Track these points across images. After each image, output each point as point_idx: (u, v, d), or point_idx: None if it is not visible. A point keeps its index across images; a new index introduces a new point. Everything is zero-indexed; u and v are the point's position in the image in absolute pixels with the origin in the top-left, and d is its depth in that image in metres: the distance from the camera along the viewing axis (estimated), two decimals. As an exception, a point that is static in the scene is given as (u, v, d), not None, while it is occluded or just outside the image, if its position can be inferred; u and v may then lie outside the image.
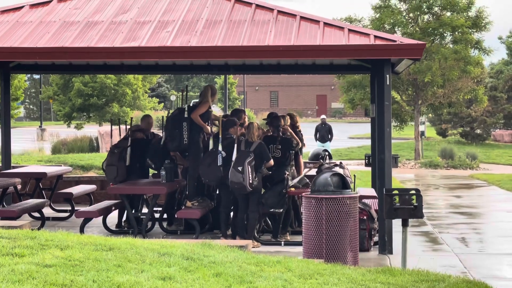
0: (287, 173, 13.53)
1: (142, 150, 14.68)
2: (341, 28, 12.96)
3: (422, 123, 37.21)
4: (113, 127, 17.91)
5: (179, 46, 12.51)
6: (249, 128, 13.29)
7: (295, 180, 13.47)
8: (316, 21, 13.18)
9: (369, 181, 18.31)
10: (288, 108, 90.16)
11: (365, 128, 55.14)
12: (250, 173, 12.76)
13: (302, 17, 13.35)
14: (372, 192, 14.88)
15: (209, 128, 13.87)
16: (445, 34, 34.46)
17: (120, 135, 15.39)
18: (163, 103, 58.59)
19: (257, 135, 13.21)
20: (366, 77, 33.04)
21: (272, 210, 13.30)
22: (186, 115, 13.90)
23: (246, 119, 15.02)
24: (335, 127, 33.20)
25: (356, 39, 12.49)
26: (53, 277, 8.32)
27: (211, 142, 13.47)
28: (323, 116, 33.67)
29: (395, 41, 12.33)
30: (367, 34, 12.61)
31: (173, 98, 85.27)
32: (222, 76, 61.01)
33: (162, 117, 16.92)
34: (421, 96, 34.84)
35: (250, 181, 12.76)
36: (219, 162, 13.13)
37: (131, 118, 18.96)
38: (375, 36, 12.48)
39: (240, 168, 12.76)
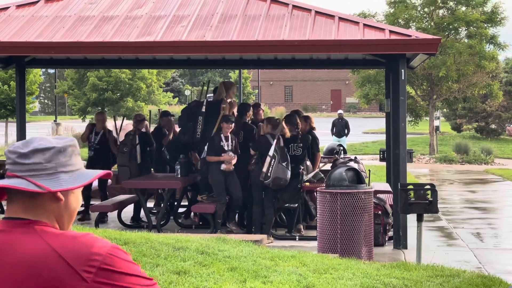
0: (302, 168, 13.53)
1: (148, 144, 14.81)
2: (356, 23, 12.93)
3: (437, 118, 37.11)
4: (126, 121, 17.96)
5: (194, 40, 12.52)
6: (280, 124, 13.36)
7: (310, 175, 13.47)
8: (331, 16, 13.16)
9: (384, 176, 18.29)
10: (302, 103, 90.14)
11: (380, 123, 54.99)
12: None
13: (317, 12, 13.33)
14: (387, 187, 14.86)
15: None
16: (460, 29, 34.35)
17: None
18: (177, 98, 58.63)
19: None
20: (380, 72, 32.97)
21: (287, 205, 13.32)
22: (203, 109, 14.00)
23: (262, 114, 15.04)
24: (349, 122, 33.11)
25: (371, 34, 12.46)
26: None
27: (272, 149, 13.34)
28: (340, 111, 33.62)
29: (410, 36, 12.29)
30: (382, 29, 12.58)
31: (187, 92, 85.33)
32: (237, 71, 61.01)
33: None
34: (436, 91, 34.74)
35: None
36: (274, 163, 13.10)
37: (150, 111, 19.06)
38: (390, 31, 12.45)
39: (285, 164, 12.85)
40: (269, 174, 12.86)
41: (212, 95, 15.21)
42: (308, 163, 14.11)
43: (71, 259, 2.19)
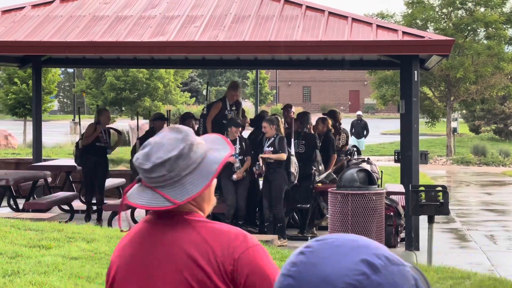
0: (314, 168, 13.52)
1: None
2: (369, 23, 12.91)
3: (454, 120, 36.96)
4: (143, 121, 17.99)
5: (207, 40, 12.55)
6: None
7: (322, 176, 13.46)
8: (345, 17, 13.15)
9: (399, 177, 18.25)
10: (320, 104, 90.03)
11: (398, 124, 54.88)
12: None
13: (330, 13, 13.33)
14: (400, 188, 14.80)
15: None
16: (478, 30, 34.20)
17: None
18: (195, 98, 58.71)
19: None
20: (397, 73, 32.83)
21: (299, 205, 13.32)
22: (205, 111, 14.28)
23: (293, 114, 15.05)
24: (368, 122, 33.05)
25: (384, 35, 12.45)
26: (79, 269, 8.41)
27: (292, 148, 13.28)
28: (359, 112, 33.54)
29: (423, 37, 12.26)
30: (395, 30, 12.56)
31: (205, 92, 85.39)
32: (255, 71, 61.07)
33: None
34: (454, 92, 34.61)
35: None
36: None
37: (168, 111, 19.10)
38: (403, 32, 12.43)
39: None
40: (296, 174, 12.89)
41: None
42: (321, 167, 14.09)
43: (217, 246, 2.42)
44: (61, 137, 40.25)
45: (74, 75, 53.78)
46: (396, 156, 17.78)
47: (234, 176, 13.02)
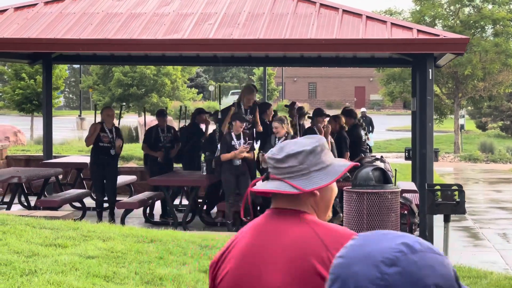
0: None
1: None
2: (384, 21, 12.87)
3: (461, 117, 36.89)
4: (150, 117, 17.92)
5: (221, 38, 12.51)
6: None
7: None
8: (359, 15, 13.11)
9: (409, 174, 18.22)
10: (326, 100, 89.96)
11: (404, 120, 54.77)
12: None
13: (344, 10, 13.28)
14: (412, 186, 14.79)
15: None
16: (486, 27, 34.12)
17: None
18: (202, 94, 58.70)
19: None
20: (405, 70, 32.82)
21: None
22: (220, 116, 14.31)
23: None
24: (373, 119, 33.00)
25: (399, 33, 12.41)
26: (96, 268, 8.39)
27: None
28: (363, 109, 33.52)
29: (438, 35, 12.22)
30: (410, 28, 12.52)
31: (211, 88, 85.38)
32: (261, 68, 61.02)
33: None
34: (461, 89, 34.54)
35: None
36: None
37: (183, 106, 19.09)
38: (418, 30, 12.38)
39: None
40: None
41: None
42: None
43: (329, 243, 2.57)
44: (68, 133, 40.22)
45: (80, 71, 53.79)
46: (407, 154, 17.77)
47: (237, 162, 12.96)
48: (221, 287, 2.74)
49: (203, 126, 15.80)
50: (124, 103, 41.75)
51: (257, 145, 14.70)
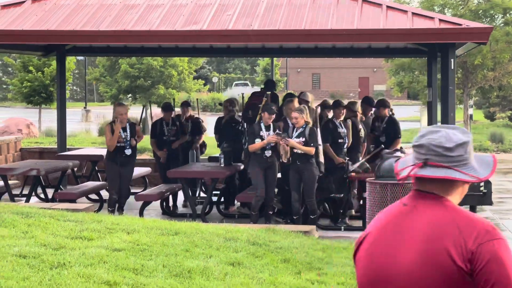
0: (347, 158, 13.43)
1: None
2: (405, 11, 12.78)
3: (470, 107, 36.80)
4: (157, 109, 17.81)
5: (241, 29, 12.42)
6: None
7: (355, 165, 13.36)
8: (379, 4, 13.02)
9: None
10: (330, 91, 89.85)
11: (409, 111, 54.67)
12: None
13: (364, 0, 13.19)
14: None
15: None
16: (496, 16, 33.99)
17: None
18: (208, 86, 58.61)
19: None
20: (414, 60, 32.71)
21: (332, 195, 13.23)
22: (250, 115, 14.17)
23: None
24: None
25: (420, 22, 12.31)
26: (124, 261, 8.34)
27: None
28: None
29: (460, 24, 12.12)
30: (431, 18, 12.42)
31: (215, 79, 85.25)
32: (266, 59, 60.88)
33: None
34: (471, 79, 34.42)
35: None
36: None
37: (197, 100, 19.05)
38: (440, 20, 12.29)
39: None
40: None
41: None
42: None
43: (464, 229, 2.70)
44: (74, 125, 40.19)
45: (86, 63, 53.68)
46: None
47: (268, 153, 12.77)
48: (359, 263, 2.88)
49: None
50: (130, 95, 41.68)
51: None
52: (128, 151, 13.54)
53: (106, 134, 13.69)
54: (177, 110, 16.63)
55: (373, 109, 15.19)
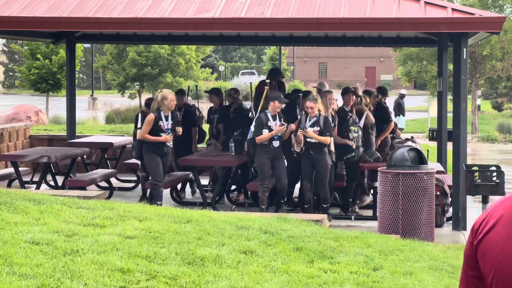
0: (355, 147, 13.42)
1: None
2: (417, 0, 12.71)
3: (478, 97, 36.74)
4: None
5: (254, 17, 12.36)
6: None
7: (365, 154, 13.32)
8: (391, -7, 12.95)
9: (432, 155, 18.09)
10: (336, 80, 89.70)
11: (415, 101, 54.73)
12: None
13: (376, -11, 13.12)
14: (438, 167, 14.67)
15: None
16: (505, 6, 33.90)
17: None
18: (215, 74, 58.58)
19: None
20: (422, 50, 32.65)
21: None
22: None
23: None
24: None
25: (433, 11, 12.25)
26: (137, 248, 8.33)
27: None
28: (403, 91, 32.66)
29: (473, 14, 12.06)
30: (444, 7, 12.35)
31: (221, 68, 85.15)
32: (273, 47, 60.79)
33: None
34: (479, 69, 34.36)
35: None
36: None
37: (196, 86, 19.01)
38: (453, 9, 12.22)
39: None
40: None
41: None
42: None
43: None
44: (81, 112, 40.14)
45: (92, 51, 53.68)
46: (431, 134, 17.66)
47: (276, 143, 12.62)
48: (496, 247, 2.69)
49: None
50: (137, 83, 41.69)
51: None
52: (170, 143, 12.73)
53: (146, 126, 12.61)
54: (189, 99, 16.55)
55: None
